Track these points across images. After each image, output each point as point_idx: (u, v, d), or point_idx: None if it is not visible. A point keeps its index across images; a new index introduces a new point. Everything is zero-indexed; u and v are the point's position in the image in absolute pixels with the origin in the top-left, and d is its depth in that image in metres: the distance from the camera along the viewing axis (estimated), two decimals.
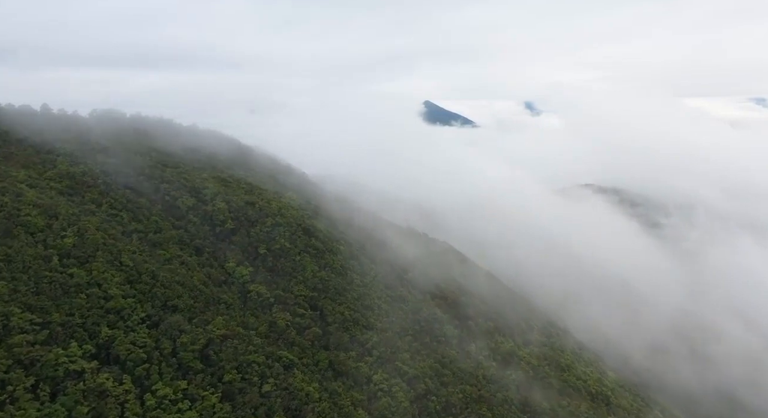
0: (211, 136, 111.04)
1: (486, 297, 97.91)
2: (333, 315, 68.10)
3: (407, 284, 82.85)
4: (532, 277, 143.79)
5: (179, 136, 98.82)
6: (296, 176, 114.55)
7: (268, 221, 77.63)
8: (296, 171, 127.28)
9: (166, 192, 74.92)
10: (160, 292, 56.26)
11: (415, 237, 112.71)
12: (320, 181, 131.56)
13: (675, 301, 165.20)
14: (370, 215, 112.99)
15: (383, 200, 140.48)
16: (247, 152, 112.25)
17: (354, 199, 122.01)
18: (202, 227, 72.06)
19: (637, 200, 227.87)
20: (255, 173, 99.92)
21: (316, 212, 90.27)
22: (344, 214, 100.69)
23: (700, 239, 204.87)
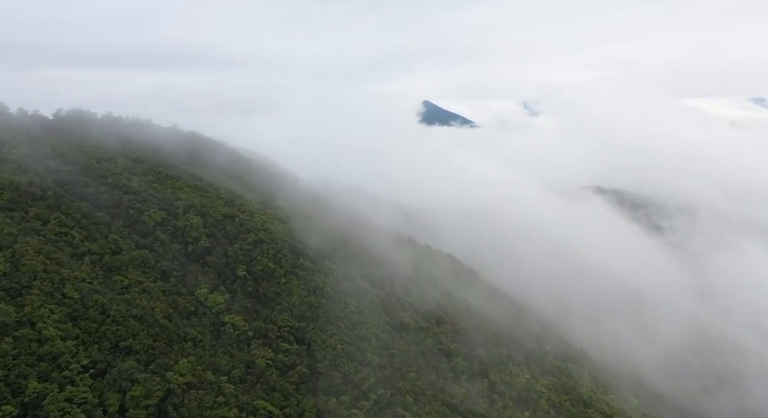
0: (193, 139, 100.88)
1: (495, 318, 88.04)
2: (323, 350, 58.06)
3: (409, 308, 72.83)
4: (534, 283, 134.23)
5: (155, 140, 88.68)
6: (287, 183, 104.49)
7: (249, 238, 67.53)
8: (288, 176, 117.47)
9: (131, 204, 64.78)
10: (110, 330, 46.22)
11: (416, 249, 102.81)
12: (314, 186, 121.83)
13: (684, 309, 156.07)
14: (367, 224, 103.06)
15: (380, 206, 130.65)
16: (234, 157, 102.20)
17: (350, 207, 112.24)
18: (170, 245, 61.94)
19: (638, 202, 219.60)
20: (240, 181, 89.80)
21: (306, 225, 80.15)
22: (339, 225, 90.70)
23: (705, 243, 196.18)
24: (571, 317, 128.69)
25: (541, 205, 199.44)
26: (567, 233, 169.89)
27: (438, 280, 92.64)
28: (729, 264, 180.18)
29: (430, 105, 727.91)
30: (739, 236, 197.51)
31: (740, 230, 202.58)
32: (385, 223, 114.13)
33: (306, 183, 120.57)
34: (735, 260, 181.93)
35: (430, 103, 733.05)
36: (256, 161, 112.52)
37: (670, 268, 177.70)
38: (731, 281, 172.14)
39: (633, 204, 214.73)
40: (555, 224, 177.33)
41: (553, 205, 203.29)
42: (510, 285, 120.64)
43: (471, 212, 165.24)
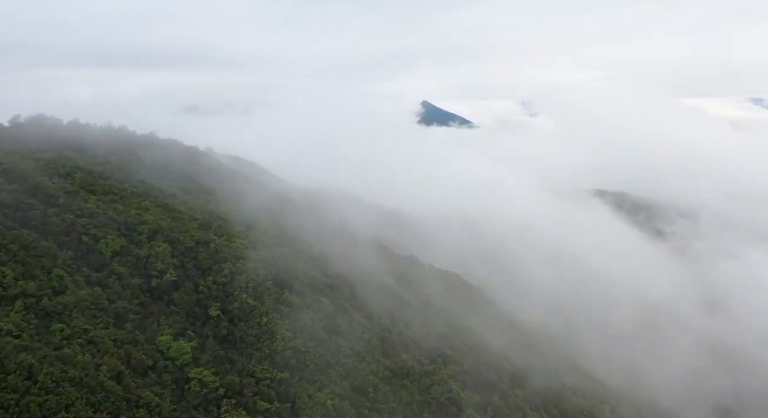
0: (172, 148, 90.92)
1: (507, 349, 78.33)
2: (310, 408, 48.27)
3: (411, 346, 62.97)
4: (535, 295, 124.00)
5: (127, 150, 78.74)
6: (277, 195, 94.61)
7: (225, 268, 57.61)
8: (278, 187, 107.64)
9: (85, 230, 54.81)
10: (36, 402, 36.37)
11: (419, 269, 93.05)
12: (307, 196, 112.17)
13: (695, 322, 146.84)
14: (362, 240, 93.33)
15: (376, 216, 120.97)
16: (216, 168, 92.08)
17: (342, 220, 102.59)
18: (129, 280, 52.00)
19: (638, 205, 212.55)
20: (221, 196, 79.81)
21: (294, 248, 70.30)
22: (332, 243, 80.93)
23: (709, 249, 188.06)
24: (578, 333, 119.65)
25: (541, 210, 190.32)
26: (568, 239, 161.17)
27: (443, 306, 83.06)
28: (736, 272, 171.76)
29: (429, 105, 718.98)
30: (744, 242, 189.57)
31: (745, 236, 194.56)
32: (381, 235, 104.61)
33: (296, 192, 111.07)
34: (742, 268, 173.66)
35: (429, 104, 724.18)
36: (245, 173, 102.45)
37: (676, 277, 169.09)
38: (741, 291, 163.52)
39: (633, 207, 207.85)
40: (555, 229, 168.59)
41: (553, 210, 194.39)
42: (510, 298, 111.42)
43: (468, 218, 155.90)
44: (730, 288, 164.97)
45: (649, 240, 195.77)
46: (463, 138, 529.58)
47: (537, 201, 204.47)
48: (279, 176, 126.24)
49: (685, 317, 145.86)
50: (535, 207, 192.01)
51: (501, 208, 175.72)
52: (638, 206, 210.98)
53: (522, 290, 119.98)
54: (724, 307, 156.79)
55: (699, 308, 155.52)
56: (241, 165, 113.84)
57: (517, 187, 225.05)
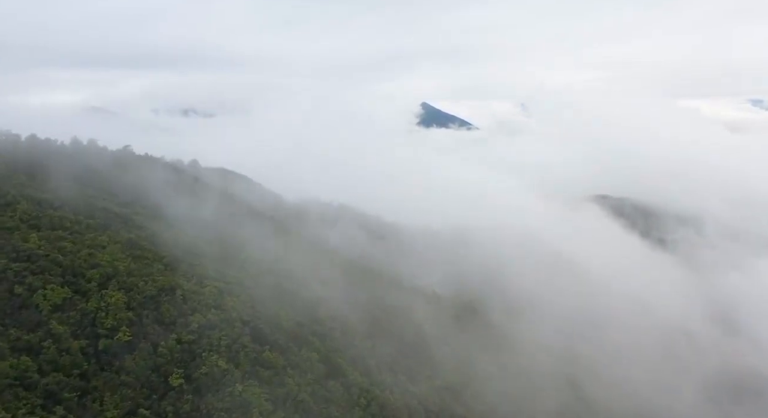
0: (149, 166, 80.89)
1: (528, 399, 68.63)
2: None
3: (417, 410, 53.00)
4: (534, 311, 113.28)
5: (92, 171, 68.75)
6: (265, 219, 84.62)
7: (194, 321, 47.67)
8: (267, 205, 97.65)
9: (19, 279, 44.86)
10: None
11: (424, 299, 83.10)
12: (297, 212, 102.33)
13: (708, 342, 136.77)
14: (357, 268, 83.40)
15: (370, 232, 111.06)
16: (199, 189, 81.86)
17: (338, 240, 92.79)
18: (71, 342, 42.05)
19: (639, 212, 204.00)
20: (201, 223, 69.67)
21: (279, 286, 60.33)
22: (323, 273, 70.92)
23: (714, 259, 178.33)
24: (585, 354, 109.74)
25: (540, 219, 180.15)
26: (570, 249, 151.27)
27: (447, 342, 73.28)
28: (744, 284, 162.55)
29: (428, 107, 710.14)
30: (748, 251, 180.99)
31: (749, 244, 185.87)
32: (374, 255, 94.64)
33: (286, 209, 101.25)
34: (749, 280, 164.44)
35: (428, 105, 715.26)
36: (232, 191, 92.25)
37: (683, 289, 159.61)
38: (751, 306, 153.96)
39: (634, 214, 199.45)
40: (556, 239, 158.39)
41: (553, 219, 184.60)
42: (511, 316, 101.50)
43: (465, 229, 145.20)
44: (739, 302, 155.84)
45: (652, 249, 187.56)
46: (462, 141, 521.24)
47: (536, 209, 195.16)
48: (269, 189, 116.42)
49: (697, 336, 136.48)
50: (534, 216, 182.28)
51: (499, 217, 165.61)
52: (639, 213, 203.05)
53: (523, 307, 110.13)
54: (736, 323, 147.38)
55: (710, 324, 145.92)
56: (228, 180, 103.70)
57: (516, 195, 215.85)
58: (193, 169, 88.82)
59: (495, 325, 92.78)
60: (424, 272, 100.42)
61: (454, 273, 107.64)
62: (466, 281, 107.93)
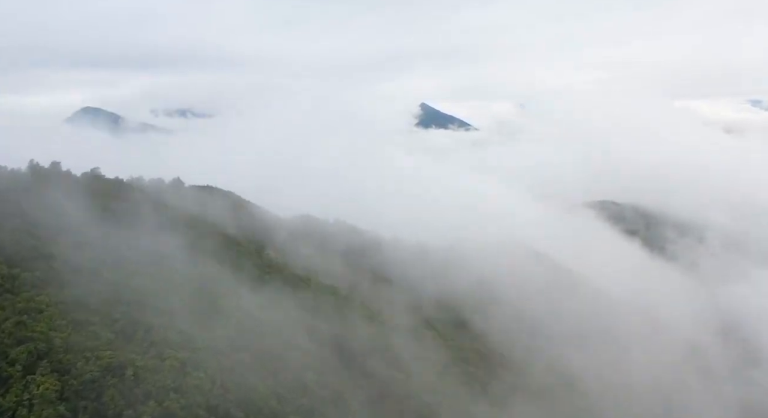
0: (118, 192, 70.72)
1: None
2: None
3: None
4: (536, 327, 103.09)
5: (41, 205, 58.66)
6: (251, 251, 74.66)
7: (145, 412, 37.85)
8: (256, 226, 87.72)
9: None
10: None
11: (418, 341, 73.21)
12: (289, 232, 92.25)
13: (721, 363, 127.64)
14: (355, 305, 73.64)
15: (376, 254, 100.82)
16: (175, 217, 71.40)
17: (342, 274, 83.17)
18: None
19: (638, 219, 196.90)
20: (168, 265, 59.46)
21: (262, 349, 50.47)
22: (318, 332, 60.76)
23: (716, 269, 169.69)
24: (592, 378, 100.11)
25: (539, 228, 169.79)
26: (569, 260, 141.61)
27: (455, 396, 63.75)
28: (750, 297, 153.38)
29: (427, 107, 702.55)
30: (752, 261, 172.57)
31: (751, 254, 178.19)
32: (379, 293, 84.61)
33: (274, 229, 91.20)
34: (755, 292, 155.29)
35: (428, 106, 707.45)
36: (216, 215, 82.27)
37: (687, 301, 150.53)
38: (760, 321, 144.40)
39: (633, 220, 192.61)
40: (555, 250, 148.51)
41: (552, 228, 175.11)
42: (512, 337, 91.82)
43: (459, 240, 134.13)
44: (747, 317, 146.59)
45: (654, 258, 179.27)
46: (460, 143, 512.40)
47: (535, 219, 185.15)
48: (260, 207, 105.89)
49: (706, 352, 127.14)
50: (533, 226, 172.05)
51: (496, 228, 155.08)
52: (640, 220, 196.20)
53: (524, 326, 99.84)
54: (746, 341, 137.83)
55: (720, 340, 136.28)
56: (215, 201, 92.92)
57: (514, 203, 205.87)
58: (174, 190, 78.87)
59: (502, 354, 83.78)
60: (421, 285, 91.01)
61: (452, 285, 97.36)
62: (465, 293, 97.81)
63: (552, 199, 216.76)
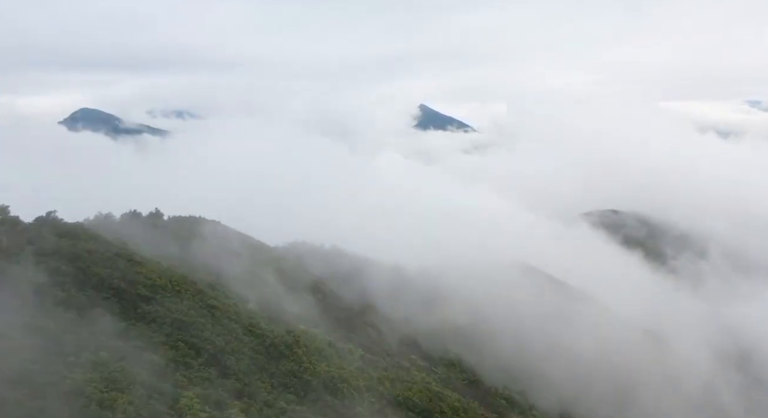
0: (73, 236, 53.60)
1: None
2: None
3: None
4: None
5: None
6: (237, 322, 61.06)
7: None
8: (248, 264, 68.74)
9: None
10: None
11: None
12: (286, 264, 76.09)
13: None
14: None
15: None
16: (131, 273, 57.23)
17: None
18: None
19: (637, 229, 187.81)
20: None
21: None
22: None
23: (720, 286, 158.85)
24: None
25: (533, 241, 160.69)
26: (567, 278, 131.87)
27: None
28: (758, 319, 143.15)
29: (426, 109, 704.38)
30: (757, 278, 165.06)
31: (756, 270, 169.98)
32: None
33: (266, 259, 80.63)
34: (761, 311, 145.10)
35: (427, 107, 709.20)
36: (197, 254, 66.96)
37: (694, 321, 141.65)
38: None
39: (632, 233, 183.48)
40: (553, 265, 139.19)
41: (548, 242, 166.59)
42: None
43: (447, 261, 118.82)
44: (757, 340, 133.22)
45: (657, 272, 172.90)
46: (458, 145, 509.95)
47: (529, 230, 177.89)
48: (248, 236, 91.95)
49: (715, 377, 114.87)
50: (527, 238, 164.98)
51: (490, 241, 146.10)
52: (640, 228, 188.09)
53: (523, 362, 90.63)
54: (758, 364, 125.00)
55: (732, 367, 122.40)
56: (195, 234, 73.46)
57: (508, 213, 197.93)
58: (150, 224, 74.34)
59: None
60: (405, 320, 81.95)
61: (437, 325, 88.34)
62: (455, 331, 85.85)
63: (547, 209, 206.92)
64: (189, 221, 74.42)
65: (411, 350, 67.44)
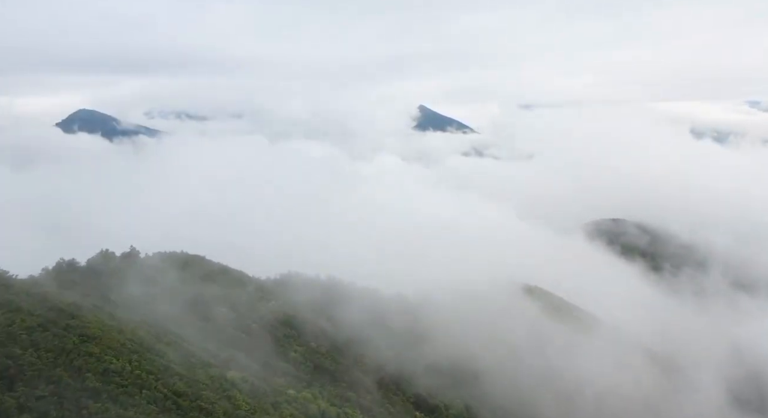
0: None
1: None
2: None
3: None
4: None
5: None
6: None
7: None
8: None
9: None
10: None
11: None
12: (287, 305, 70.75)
13: None
14: None
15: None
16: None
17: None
18: None
19: (637, 241, 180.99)
20: None
21: None
22: None
23: (725, 303, 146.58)
24: None
25: (531, 255, 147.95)
26: (566, 294, 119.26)
27: None
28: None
29: (425, 109, 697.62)
30: (761, 296, 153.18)
31: (761, 286, 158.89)
32: None
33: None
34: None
35: (426, 108, 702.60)
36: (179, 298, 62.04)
37: (701, 344, 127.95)
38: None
39: (631, 242, 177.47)
40: (552, 282, 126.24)
41: (546, 254, 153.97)
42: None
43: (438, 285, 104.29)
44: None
45: (656, 285, 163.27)
46: (455, 148, 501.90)
47: (525, 243, 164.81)
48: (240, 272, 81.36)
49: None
50: (523, 253, 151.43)
51: (482, 255, 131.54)
52: (638, 239, 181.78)
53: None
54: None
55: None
56: (178, 274, 66.96)
57: (503, 225, 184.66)
58: (126, 264, 67.89)
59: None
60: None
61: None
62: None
63: (545, 217, 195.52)
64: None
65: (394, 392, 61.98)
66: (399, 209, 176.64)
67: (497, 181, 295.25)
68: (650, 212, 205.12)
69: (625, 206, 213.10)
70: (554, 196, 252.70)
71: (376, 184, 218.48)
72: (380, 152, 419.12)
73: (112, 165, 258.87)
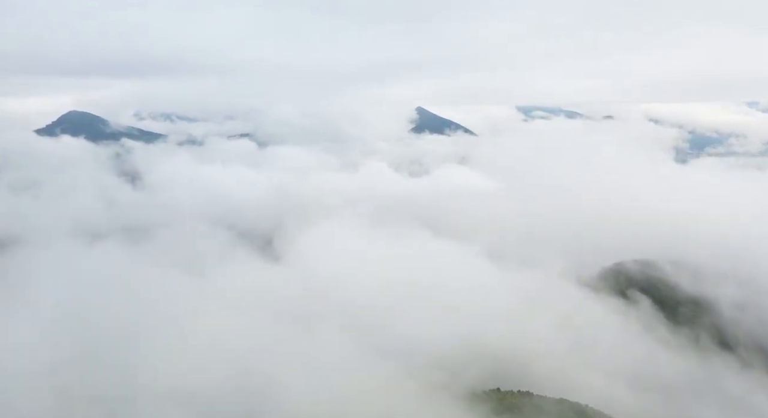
0: None
1: None
2: None
3: None
4: None
5: None
6: None
7: None
8: None
9: None
10: None
11: None
12: None
13: None
14: None
15: None
16: None
17: None
18: None
19: (638, 283, 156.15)
20: None
21: None
22: None
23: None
24: None
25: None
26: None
27: None
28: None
29: (423, 111, 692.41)
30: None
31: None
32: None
33: None
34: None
35: (424, 110, 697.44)
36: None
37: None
38: None
39: (632, 284, 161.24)
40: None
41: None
42: None
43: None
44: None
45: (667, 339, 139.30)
46: (451, 152, 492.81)
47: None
48: None
49: None
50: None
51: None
52: (638, 285, 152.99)
53: None
54: None
55: None
56: None
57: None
58: None
59: None
60: None
61: None
62: None
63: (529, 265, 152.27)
64: None
65: None
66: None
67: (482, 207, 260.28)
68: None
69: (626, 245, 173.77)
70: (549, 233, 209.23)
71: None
72: (372, 157, 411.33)
73: (86, 169, 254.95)
